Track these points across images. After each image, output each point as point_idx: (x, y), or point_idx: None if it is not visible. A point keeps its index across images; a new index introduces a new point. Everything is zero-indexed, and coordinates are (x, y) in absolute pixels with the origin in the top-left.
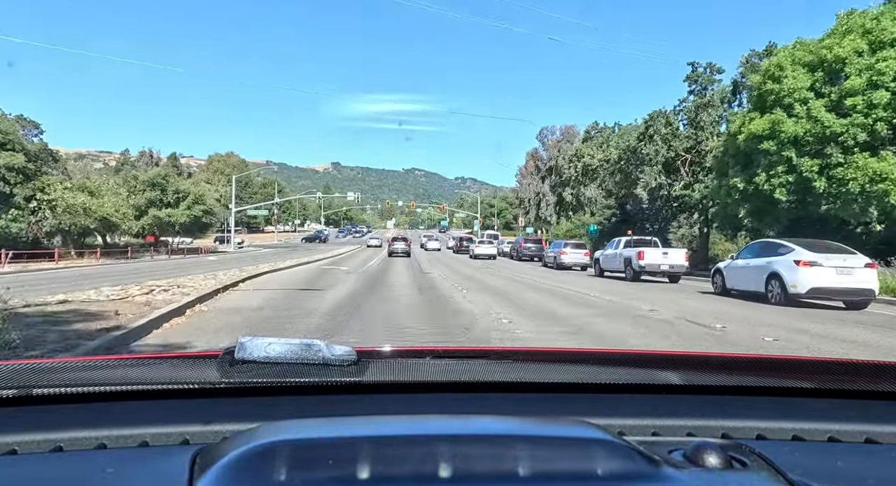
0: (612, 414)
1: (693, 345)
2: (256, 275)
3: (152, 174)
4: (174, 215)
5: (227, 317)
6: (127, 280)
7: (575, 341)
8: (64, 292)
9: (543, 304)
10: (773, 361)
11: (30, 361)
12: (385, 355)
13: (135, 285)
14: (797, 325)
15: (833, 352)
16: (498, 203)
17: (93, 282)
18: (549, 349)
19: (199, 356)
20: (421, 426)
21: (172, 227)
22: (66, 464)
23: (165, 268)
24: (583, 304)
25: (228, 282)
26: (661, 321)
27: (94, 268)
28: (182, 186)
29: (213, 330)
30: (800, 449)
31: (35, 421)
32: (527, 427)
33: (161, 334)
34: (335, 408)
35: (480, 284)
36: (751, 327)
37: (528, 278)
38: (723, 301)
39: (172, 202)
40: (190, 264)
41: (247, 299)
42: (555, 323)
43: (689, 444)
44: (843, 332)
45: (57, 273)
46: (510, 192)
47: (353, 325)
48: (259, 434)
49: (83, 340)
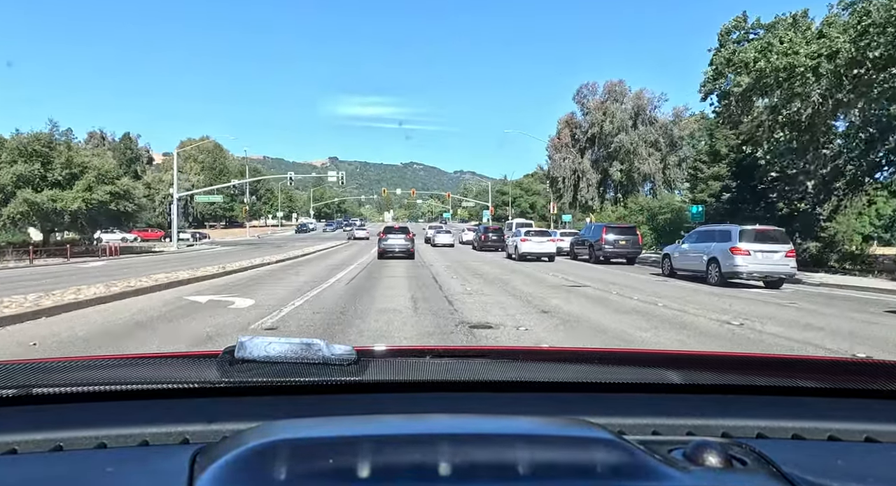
0: (612, 413)
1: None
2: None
3: (25, 139)
4: (61, 200)
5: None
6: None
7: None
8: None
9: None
10: (773, 360)
11: (30, 361)
12: (385, 354)
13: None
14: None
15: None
16: (511, 190)
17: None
18: (549, 349)
19: (199, 356)
20: (421, 426)
21: (61, 216)
22: (66, 464)
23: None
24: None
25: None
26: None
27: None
28: (79, 159)
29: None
30: (800, 448)
31: (35, 421)
32: (527, 426)
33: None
34: (335, 407)
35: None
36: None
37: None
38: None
39: (62, 181)
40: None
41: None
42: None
43: (690, 443)
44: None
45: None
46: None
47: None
48: (259, 434)
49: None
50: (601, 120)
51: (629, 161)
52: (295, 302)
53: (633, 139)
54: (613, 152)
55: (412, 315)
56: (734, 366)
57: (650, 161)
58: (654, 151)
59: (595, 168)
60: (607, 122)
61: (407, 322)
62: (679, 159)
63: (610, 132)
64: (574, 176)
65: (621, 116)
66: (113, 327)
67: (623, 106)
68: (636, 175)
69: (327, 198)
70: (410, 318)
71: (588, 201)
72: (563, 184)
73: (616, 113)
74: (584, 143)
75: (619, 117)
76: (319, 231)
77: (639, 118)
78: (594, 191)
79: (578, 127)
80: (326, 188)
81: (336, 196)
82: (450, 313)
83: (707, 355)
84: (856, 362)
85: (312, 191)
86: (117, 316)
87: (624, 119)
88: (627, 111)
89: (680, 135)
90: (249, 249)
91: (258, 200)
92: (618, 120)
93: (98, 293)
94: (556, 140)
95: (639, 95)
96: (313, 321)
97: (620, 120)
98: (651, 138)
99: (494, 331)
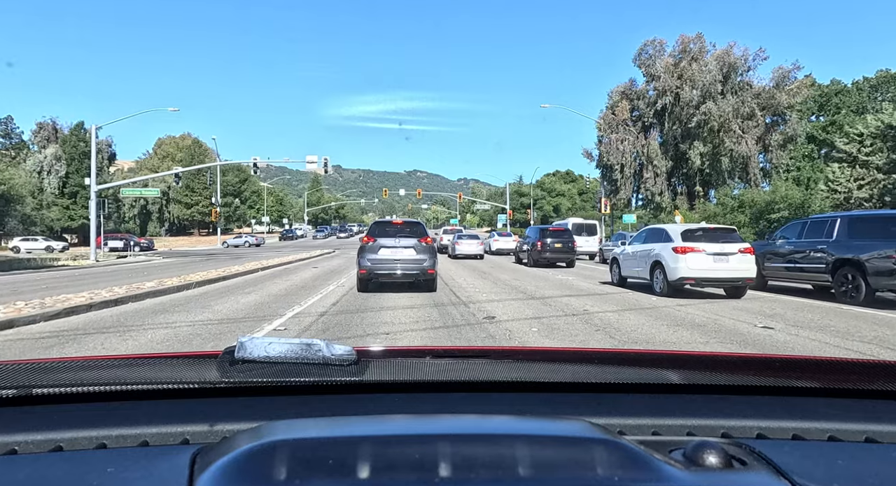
0: (612, 414)
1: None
2: None
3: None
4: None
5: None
6: None
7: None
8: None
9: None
10: (773, 360)
11: (30, 361)
12: (385, 354)
13: None
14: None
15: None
16: (532, 191)
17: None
18: (549, 349)
19: (199, 356)
20: (421, 426)
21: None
22: (66, 464)
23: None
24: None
25: None
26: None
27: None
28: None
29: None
30: (800, 448)
31: (35, 421)
32: (527, 427)
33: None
34: (335, 408)
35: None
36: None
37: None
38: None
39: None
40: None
41: None
42: None
43: (690, 443)
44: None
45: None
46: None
47: None
48: (259, 434)
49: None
50: (676, 86)
51: (715, 141)
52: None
53: (722, 111)
54: (694, 129)
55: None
56: (734, 366)
57: (746, 140)
58: (750, 127)
59: (664, 152)
60: (686, 88)
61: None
62: (784, 138)
63: (690, 102)
64: (636, 163)
65: (706, 79)
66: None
67: (706, 67)
68: (725, 159)
69: (324, 202)
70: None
71: (654, 196)
72: (621, 173)
73: (697, 76)
74: (651, 118)
75: (704, 81)
76: (309, 238)
77: (727, 83)
78: (663, 182)
79: (641, 97)
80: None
81: (334, 201)
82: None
83: (707, 355)
84: (856, 362)
85: (307, 195)
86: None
87: (710, 83)
88: (712, 73)
89: (789, 104)
90: (195, 261)
91: (243, 203)
92: (701, 84)
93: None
94: (609, 116)
95: (726, 53)
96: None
97: (705, 84)
98: (746, 110)
99: None
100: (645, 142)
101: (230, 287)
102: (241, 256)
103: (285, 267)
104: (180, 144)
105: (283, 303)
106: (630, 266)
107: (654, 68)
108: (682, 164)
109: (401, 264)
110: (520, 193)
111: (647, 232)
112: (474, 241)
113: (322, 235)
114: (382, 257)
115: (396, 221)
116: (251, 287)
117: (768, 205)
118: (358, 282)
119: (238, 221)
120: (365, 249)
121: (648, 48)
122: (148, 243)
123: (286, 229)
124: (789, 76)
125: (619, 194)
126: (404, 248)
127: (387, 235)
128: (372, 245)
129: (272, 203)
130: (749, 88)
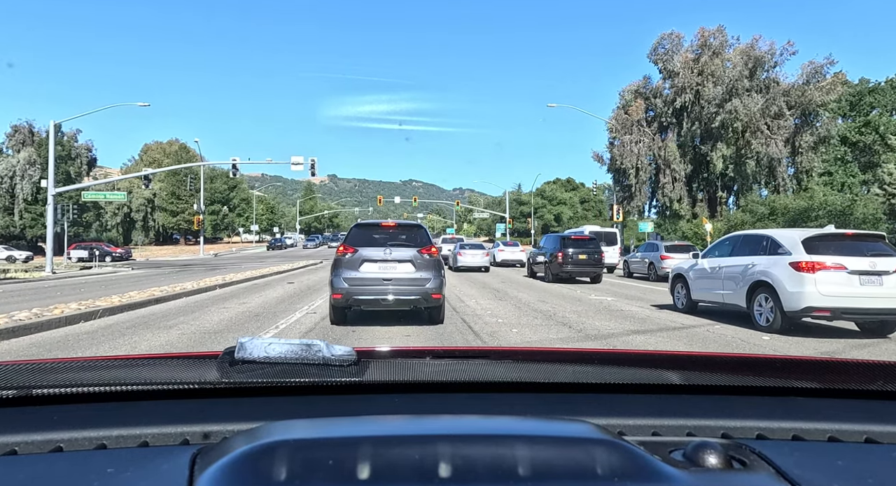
0: (612, 414)
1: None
2: None
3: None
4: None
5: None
6: None
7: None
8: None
9: None
10: (773, 361)
11: (30, 361)
12: (385, 355)
13: None
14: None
15: None
16: (532, 199)
17: None
18: (549, 349)
19: (198, 356)
20: (421, 426)
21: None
22: (66, 464)
23: None
24: None
25: None
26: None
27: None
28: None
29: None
30: (800, 449)
31: (35, 421)
32: (527, 427)
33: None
34: (335, 408)
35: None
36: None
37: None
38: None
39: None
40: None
41: None
42: None
43: (690, 444)
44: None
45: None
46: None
47: None
48: (259, 434)
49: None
50: (696, 83)
51: (740, 142)
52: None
53: (749, 109)
54: (716, 130)
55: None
56: (734, 366)
57: (776, 141)
58: (779, 127)
59: (683, 155)
60: (707, 85)
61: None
62: (816, 140)
63: (712, 99)
64: (651, 167)
65: (731, 74)
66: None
67: (729, 62)
68: (751, 162)
69: (318, 211)
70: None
71: (672, 202)
72: (636, 177)
73: (719, 72)
74: (669, 117)
75: (729, 77)
76: (299, 247)
77: (753, 79)
78: (682, 188)
79: (657, 95)
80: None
81: (328, 209)
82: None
83: (707, 355)
84: (856, 362)
85: (300, 203)
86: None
87: (736, 79)
88: (738, 68)
89: (822, 102)
90: (164, 274)
91: (231, 211)
92: (726, 81)
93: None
94: (621, 116)
95: (751, 47)
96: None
97: (731, 80)
98: (774, 108)
99: None
100: (662, 144)
101: (152, 317)
102: (221, 266)
103: (254, 283)
104: (167, 149)
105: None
106: (707, 287)
107: (671, 64)
108: (702, 168)
109: (393, 286)
110: (519, 201)
111: (737, 239)
112: (479, 251)
113: (312, 245)
114: (366, 275)
115: (387, 223)
116: (182, 317)
117: (804, 212)
118: (331, 311)
119: (226, 229)
120: (341, 263)
121: (665, 42)
122: (124, 252)
123: (274, 239)
124: (821, 71)
125: (633, 201)
126: (398, 262)
127: (374, 243)
128: (351, 258)
129: (262, 211)
130: (776, 84)
